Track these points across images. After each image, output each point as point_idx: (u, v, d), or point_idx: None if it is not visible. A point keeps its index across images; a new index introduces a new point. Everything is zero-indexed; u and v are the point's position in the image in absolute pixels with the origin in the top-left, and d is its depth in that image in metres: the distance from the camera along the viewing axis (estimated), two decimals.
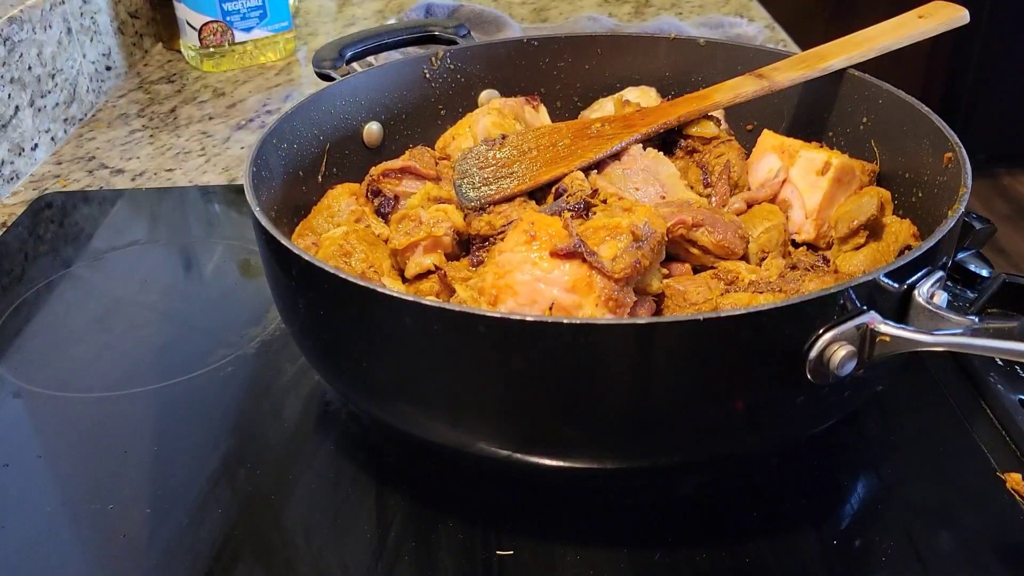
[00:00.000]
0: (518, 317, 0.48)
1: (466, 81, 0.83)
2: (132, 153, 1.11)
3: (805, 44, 1.34)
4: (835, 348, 0.47)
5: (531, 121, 0.81)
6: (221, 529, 0.59)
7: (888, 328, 0.48)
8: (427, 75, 0.83)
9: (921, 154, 0.67)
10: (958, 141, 0.63)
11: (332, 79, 0.78)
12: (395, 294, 0.50)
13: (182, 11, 1.28)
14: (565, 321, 0.48)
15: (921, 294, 0.51)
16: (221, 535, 0.59)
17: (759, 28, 1.32)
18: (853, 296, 0.48)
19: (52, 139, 1.13)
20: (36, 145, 1.09)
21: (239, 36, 1.30)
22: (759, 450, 0.60)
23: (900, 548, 0.57)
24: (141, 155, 1.11)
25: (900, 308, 0.51)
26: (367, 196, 0.72)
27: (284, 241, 0.55)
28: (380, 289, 0.50)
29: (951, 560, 0.56)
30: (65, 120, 1.16)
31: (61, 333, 0.79)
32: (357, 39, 0.84)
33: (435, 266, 0.63)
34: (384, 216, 0.71)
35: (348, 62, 0.82)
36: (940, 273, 0.53)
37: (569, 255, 0.54)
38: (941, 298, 0.52)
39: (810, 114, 0.79)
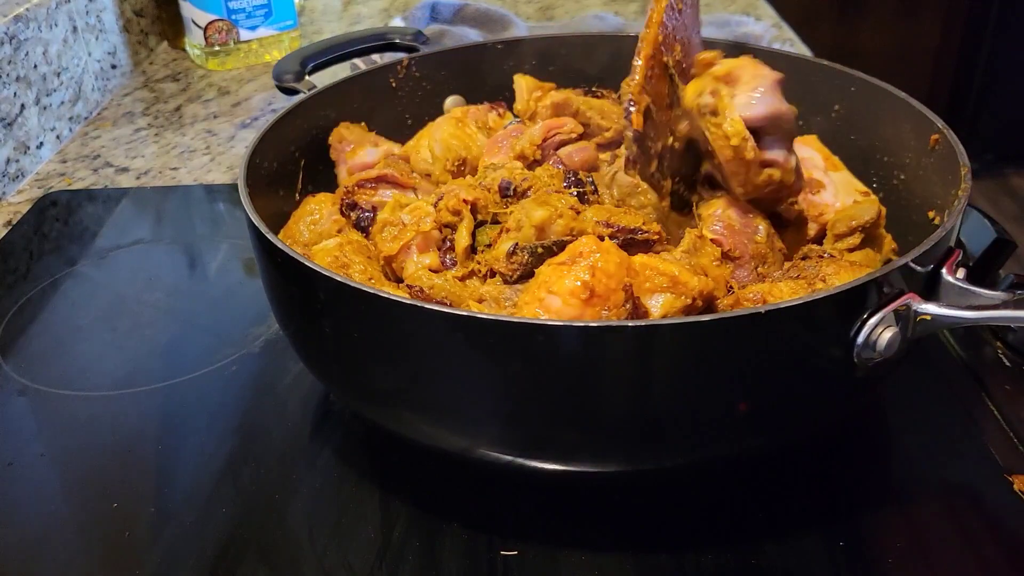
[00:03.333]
0: (519, 320, 0.48)
1: (432, 88, 0.82)
2: (137, 152, 1.11)
3: (813, 43, 1.33)
4: (880, 331, 0.50)
5: (496, 128, 0.79)
6: (225, 528, 0.59)
7: (928, 307, 0.51)
8: (393, 84, 0.81)
9: (902, 137, 0.69)
10: (943, 123, 0.65)
11: (296, 92, 0.77)
12: (395, 298, 0.50)
13: (187, 10, 1.28)
14: (633, 325, 0.48)
15: (948, 272, 0.54)
16: (225, 534, 0.59)
17: (766, 27, 1.31)
18: (892, 280, 0.50)
19: (57, 137, 1.13)
20: (41, 143, 1.09)
21: (244, 34, 1.30)
22: (795, 441, 0.60)
23: (907, 549, 0.56)
24: (146, 153, 1.11)
25: (930, 288, 0.54)
26: (342, 211, 0.69)
27: (284, 247, 0.54)
28: (381, 293, 0.50)
29: (958, 561, 0.56)
30: (70, 118, 1.16)
31: (66, 331, 0.79)
32: (317, 50, 0.83)
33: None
34: (364, 230, 0.68)
35: (310, 73, 0.80)
36: (959, 251, 0.55)
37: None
38: (962, 274, 0.54)
39: None
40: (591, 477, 0.57)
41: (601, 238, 0.56)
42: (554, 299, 0.52)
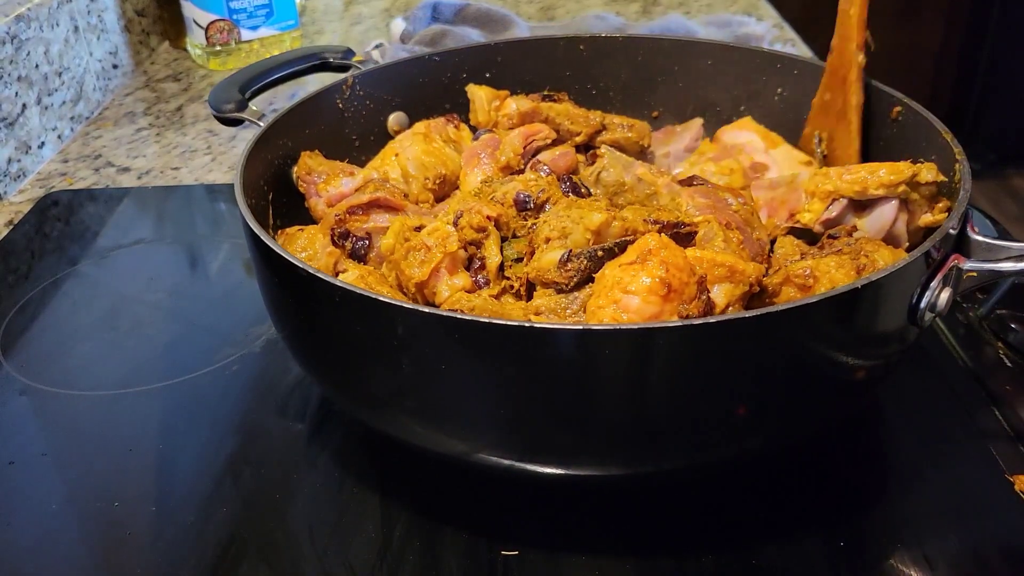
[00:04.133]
0: (516, 323, 0.48)
1: (375, 107, 0.81)
2: (138, 151, 1.12)
3: (814, 43, 1.33)
4: (938, 292, 0.54)
5: (457, 140, 0.78)
6: (226, 528, 0.59)
7: (972, 264, 0.56)
8: (340, 104, 0.79)
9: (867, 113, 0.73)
10: (902, 95, 0.70)
11: (240, 121, 0.75)
12: (392, 301, 0.50)
13: (189, 9, 1.28)
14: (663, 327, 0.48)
15: (974, 233, 0.58)
16: (226, 534, 0.59)
17: (767, 27, 1.31)
18: (939, 247, 0.54)
19: (59, 137, 1.13)
20: (43, 143, 1.09)
21: (245, 34, 1.30)
22: (801, 440, 0.62)
23: (908, 550, 0.56)
24: (147, 153, 1.11)
25: (962, 247, 0.58)
26: (335, 241, 0.66)
27: (281, 251, 0.54)
28: (378, 296, 0.50)
29: (959, 562, 0.56)
30: (72, 118, 1.16)
31: (67, 331, 0.79)
32: (252, 75, 0.80)
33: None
34: (361, 258, 0.65)
35: (249, 100, 0.78)
36: (971, 210, 0.60)
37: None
38: (980, 233, 0.59)
39: (721, 93, 0.83)
40: (591, 480, 0.57)
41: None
42: (632, 299, 0.52)
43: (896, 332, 0.55)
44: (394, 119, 0.82)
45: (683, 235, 0.58)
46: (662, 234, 0.56)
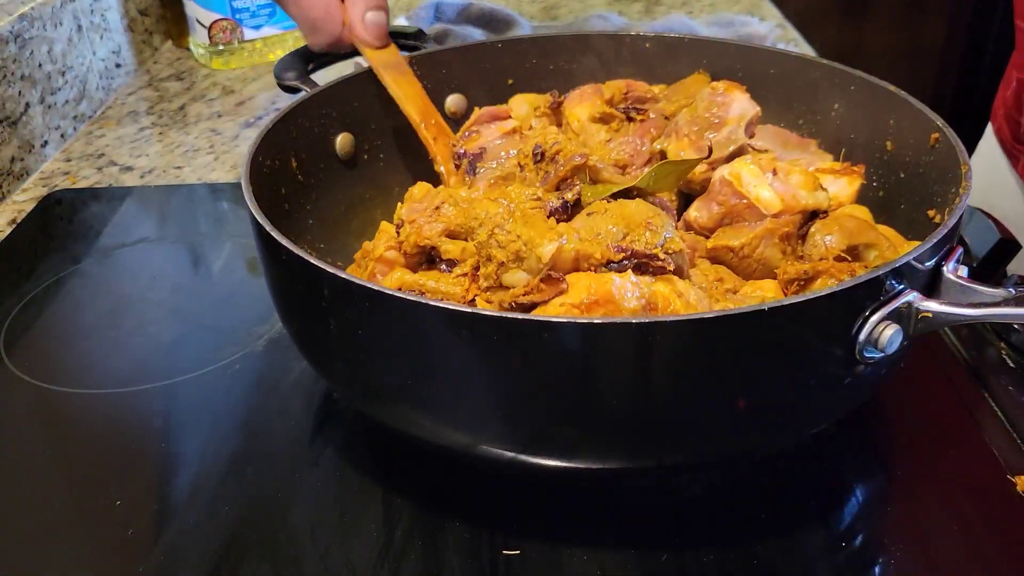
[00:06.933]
0: (522, 317, 0.48)
1: (431, 87, 0.81)
2: (141, 150, 1.12)
3: (816, 43, 1.33)
4: (882, 328, 0.50)
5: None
6: (228, 526, 0.59)
7: (930, 304, 0.51)
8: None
9: (902, 136, 0.69)
10: (943, 122, 0.65)
11: (299, 90, 0.77)
12: (398, 294, 0.50)
13: (192, 9, 1.28)
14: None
15: (949, 270, 0.54)
16: (228, 532, 0.59)
17: (770, 27, 1.31)
18: (893, 278, 0.50)
19: (62, 136, 1.13)
20: (46, 142, 1.09)
21: (248, 34, 1.30)
22: (796, 440, 0.61)
23: (909, 551, 0.56)
24: (150, 152, 1.11)
25: (932, 285, 0.54)
26: (456, 163, 0.71)
27: (287, 243, 0.54)
28: (384, 290, 0.50)
29: (960, 564, 0.56)
30: (75, 117, 1.16)
31: (70, 330, 0.80)
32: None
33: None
34: (476, 170, 0.70)
35: (311, 72, 0.80)
36: (960, 249, 0.55)
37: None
38: (963, 271, 0.54)
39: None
40: (593, 474, 0.57)
41: (612, 263, 0.54)
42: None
43: (837, 363, 0.52)
44: (452, 101, 0.83)
45: (653, 267, 0.55)
46: (624, 263, 0.54)
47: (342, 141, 0.77)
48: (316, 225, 0.74)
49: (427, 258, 0.64)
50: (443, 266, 0.62)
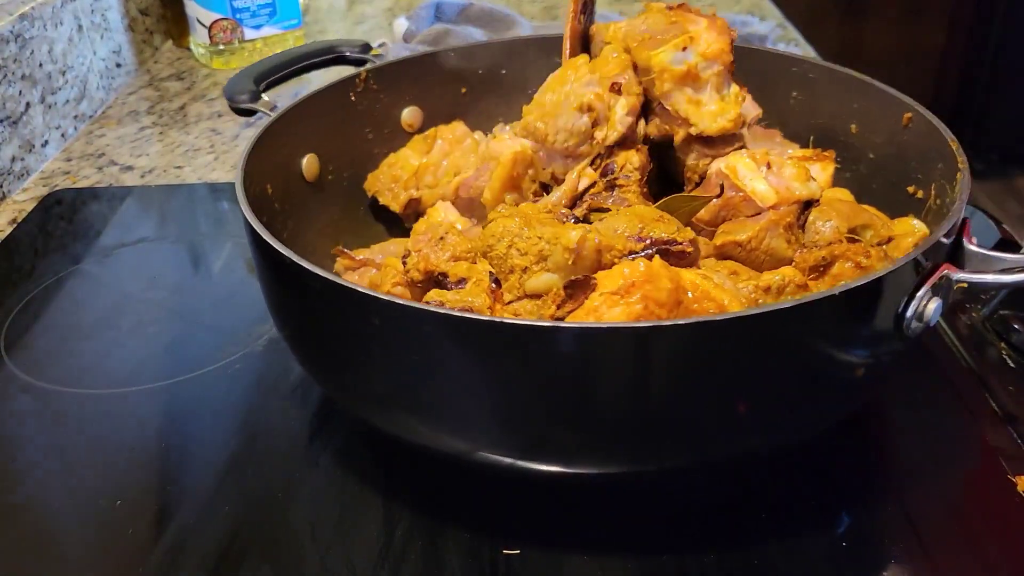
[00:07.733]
0: (517, 322, 0.48)
1: (388, 100, 0.81)
2: (141, 150, 1.12)
3: (817, 43, 1.33)
4: (925, 302, 0.53)
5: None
6: (228, 527, 0.59)
7: (963, 275, 0.54)
8: (353, 98, 0.79)
9: (871, 118, 0.72)
10: (913, 102, 0.68)
11: (253, 112, 0.75)
12: (392, 299, 0.49)
13: (192, 8, 1.28)
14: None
15: (968, 242, 0.57)
16: (228, 533, 0.59)
17: (771, 27, 1.31)
18: (928, 256, 0.53)
19: (62, 136, 1.13)
20: (46, 142, 1.09)
21: (249, 33, 1.30)
22: (803, 439, 0.62)
23: (910, 551, 0.56)
24: (150, 152, 1.11)
25: (956, 257, 0.57)
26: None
27: (277, 245, 0.54)
28: (377, 295, 0.50)
29: (962, 564, 0.56)
30: (75, 117, 1.16)
31: (70, 329, 0.79)
32: (268, 68, 0.81)
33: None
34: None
35: (263, 92, 0.78)
36: (969, 220, 0.58)
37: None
38: (976, 242, 0.58)
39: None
40: (593, 478, 0.57)
41: (634, 253, 0.55)
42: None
43: (882, 341, 0.54)
44: (408, 113, 0.83)
45: (674, 253, 0.56)
46: (646, 252, 0.55)
47: (308, 164, 0.75)
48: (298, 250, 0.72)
49: (435, 284, 0.63)
50: (452, 287, 0.61)
